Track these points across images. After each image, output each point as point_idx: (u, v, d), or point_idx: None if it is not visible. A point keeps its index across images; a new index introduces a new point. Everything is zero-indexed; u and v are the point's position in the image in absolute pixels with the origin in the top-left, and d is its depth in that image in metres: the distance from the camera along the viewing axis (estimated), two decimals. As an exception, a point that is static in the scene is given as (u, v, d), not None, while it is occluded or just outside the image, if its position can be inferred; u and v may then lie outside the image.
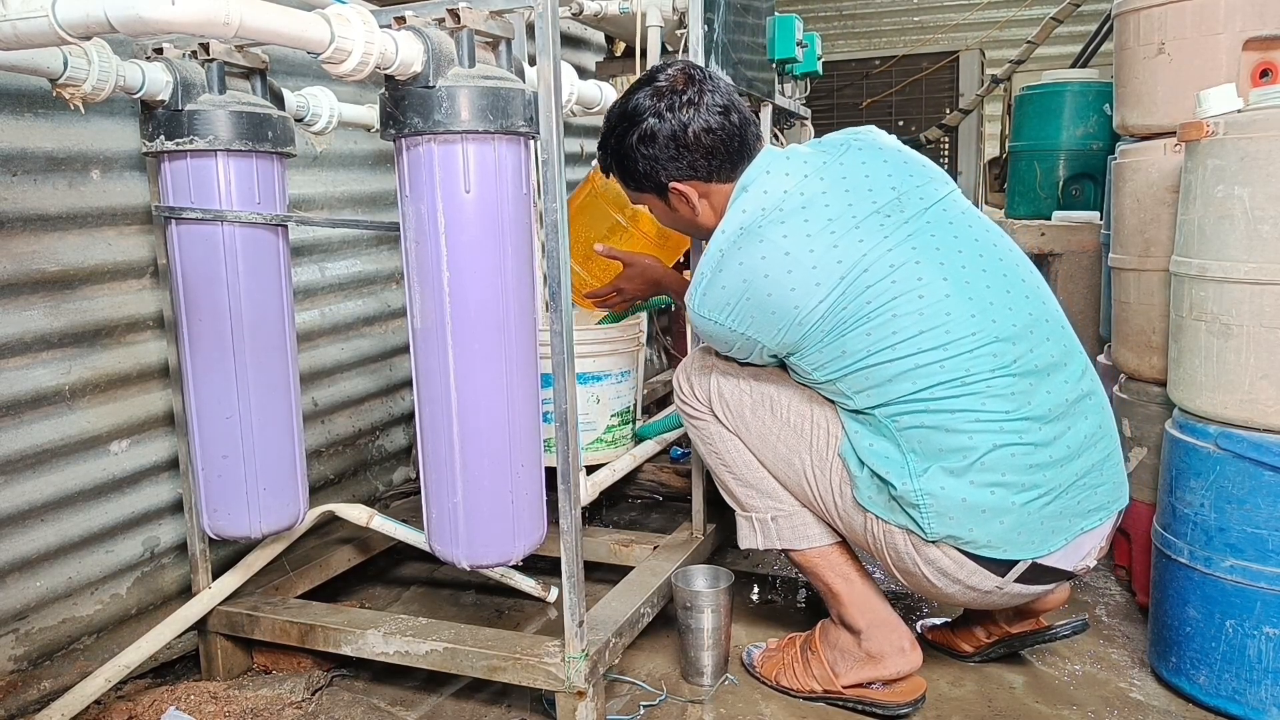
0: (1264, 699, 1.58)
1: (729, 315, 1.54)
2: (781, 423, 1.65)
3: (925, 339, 1.48)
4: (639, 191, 1.70)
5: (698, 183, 1.63)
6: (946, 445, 1.48)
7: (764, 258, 1.50)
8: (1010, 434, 1.47)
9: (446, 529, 1.52)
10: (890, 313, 1.48)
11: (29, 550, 1.59)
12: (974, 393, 1.48)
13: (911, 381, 1.48)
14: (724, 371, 1.71)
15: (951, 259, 1.51)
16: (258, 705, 1.69)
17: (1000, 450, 1.47)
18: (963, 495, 1.47)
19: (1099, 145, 3.49)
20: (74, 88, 1.35)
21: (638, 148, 1.61)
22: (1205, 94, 1.68)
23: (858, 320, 1.48)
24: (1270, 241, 1.53)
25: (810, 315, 1.49)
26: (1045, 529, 1.49)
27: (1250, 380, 1.57)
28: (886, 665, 1.66)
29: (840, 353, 1.51)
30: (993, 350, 1.48)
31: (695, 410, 1.75)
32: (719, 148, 1.59)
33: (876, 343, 1.48)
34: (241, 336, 1.60)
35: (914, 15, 7.04)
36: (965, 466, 1.47)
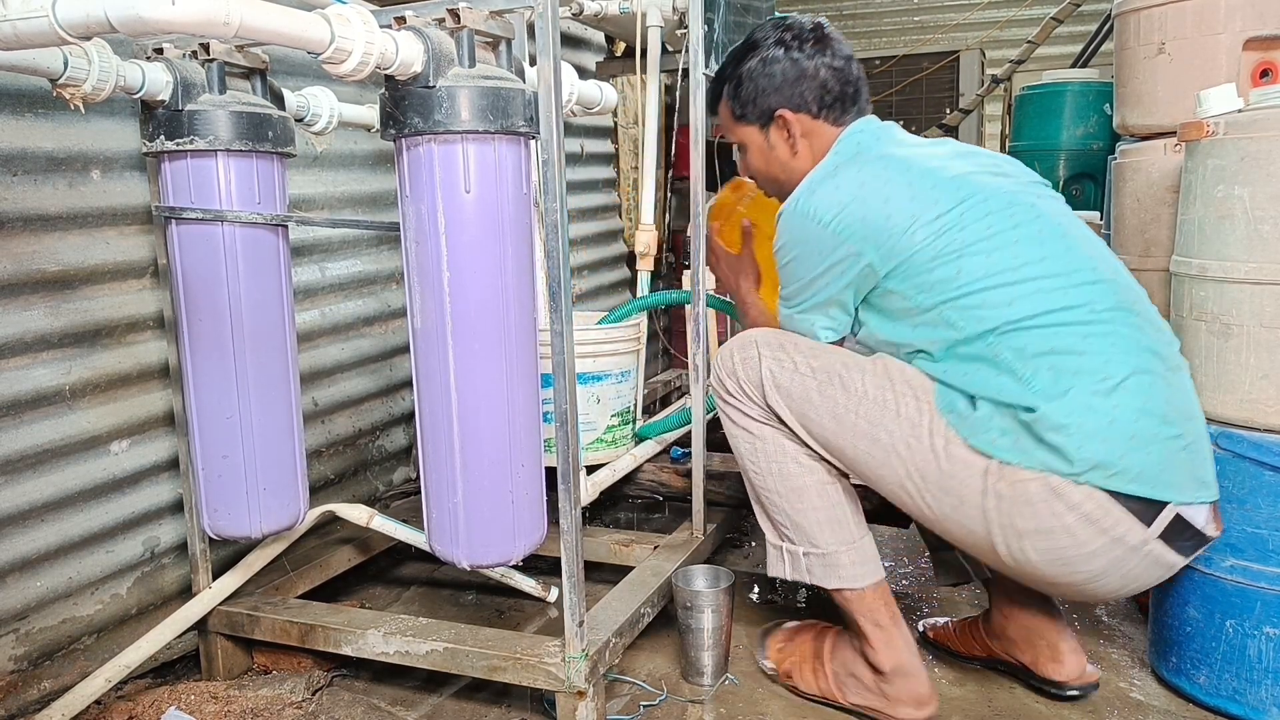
0: (1264, 699, 1.58)
1: (835, 217, 1.48)
2: (858, 396, 1.51)
3: (1049, 264, 1.42)
4: (742, 122, 1.69)
5: (805, 117, 1.63)
6: (1083, 367, 1.36)
7: (885, 168, 1.50)
8: (1145, 365, 1.38)
9: (447, 529, 1.52)
10: (1012, 240, 1.43)
11: (29, 550, 1.59)
12: (1102, 319, 1.39)
13: (1033, 303, 1.39)
14: (774, 358, 1.59)
15: (1064, 222, 1.50)
16: (258, 705, 1.69)
17: (1139, 377, 1.37)
18: (1110, 416, 1.34)
19: (1099, 145, 3.50)
20: (74, 88, 1.35)
21: (758, 69, 1.63)
22: (1205, 94, 1.68)
23: (976, 242, 1.43)
24: (1270, 241, 1.53)
25: (926, 228, 1.44)
26: (1186, 475, 1.38)
27: (1250, 380, 1.58)
28: (898, 710, 1.59)
29: (956, 272, 1.42)
30: (1113, 289, 1.43)
31: (745, 408, 1.62)
32: (835, 86, 1.61)
33: (996, 264, 1.41)
34: (242, 336, 1.60)
35: (914, 15, 7.04)
36: (1109, 388, 1.35)
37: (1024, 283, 1.41)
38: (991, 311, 1.41)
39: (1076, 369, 1.36)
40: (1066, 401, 1.34)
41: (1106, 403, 1.34)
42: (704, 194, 1.99)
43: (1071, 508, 1.35)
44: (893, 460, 1.48)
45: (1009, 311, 1.40)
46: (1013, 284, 1.41)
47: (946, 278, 1.43)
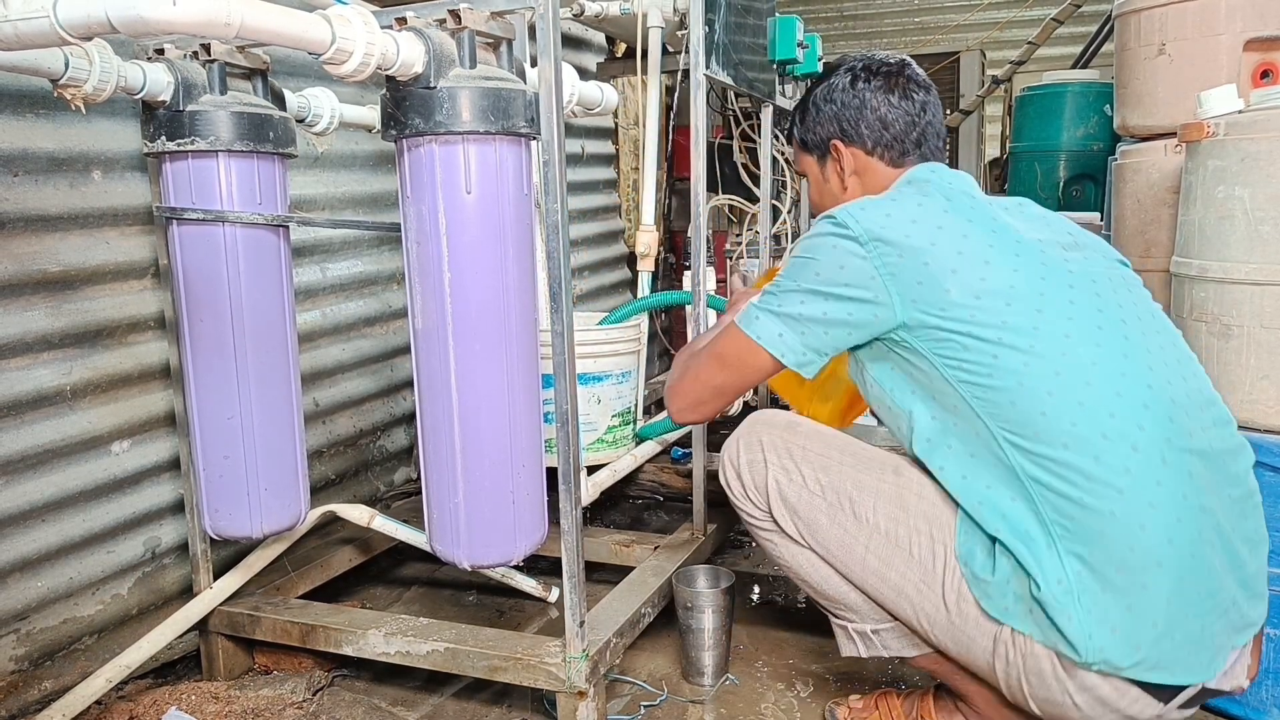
0: (1264, 699, 1.58)
1: (874, 238, 1.31)
2: (869, 530, 1.37)
3: (1099, 373, 1.23)
4: (805, 151, 1.62)
5: (859, 151, 1.52)
6: (1110, 533, 1.19)
7: (948, 207, 1.34)
8: (1189, 525, 1.20)
9: (448, 529, 1.52)
10: (1063, 332, 1.24)
11: (30, 550, 1.60)
12: (1147, 464, 1.20)
13: (1070, 423, 1.21)
14: (781, 468, 1.45)
15: (1130, 313, 1.32)
16: (259, 705, 1.69)
17: (1178, 546, 1.19)
18: (1129, 602, 1.18)
19: (1099, 146, 3.50)
20: (75, 88, 1.35)
21: (823, 96, 1.55)
22: (1206, 95, 1.68)
23: (1018, 325, 1.25)
24: (1270, 242, 1.53)
25: (965, 288, 1.26)
26: (1215, 646, 1.23)
27: (1251, 381, 1.58)
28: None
29: (992, 358, 1.25)
30: (1170, 414, 1.23)
31: (753, 514, 1.50)
32: (897, 126, 1.50)
33: (1036, 360, 1.23)
34: (243, 337, 1.60)
35: (915, 16, 7.04)
36: (1137, 564, 1.18)
37: (1062, 393, 1.22)
38: (1023, 416, 1.23)
39: (1102, 533, 1.19)
40: (1077, 583, 1.19)
41: (1131, 585, 1.18)
42: (704, 194, 1.99)
43: (1083, 689, 1.22)
44: (901, 602, 1.37)
45: (1042, 423, 1.22)
46: (1050, 392, 1.22)
47: (980, 360, 1.26)
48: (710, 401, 1.48)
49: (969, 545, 1.30)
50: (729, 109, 3.20)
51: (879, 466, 1.41)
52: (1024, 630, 1.24)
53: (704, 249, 2.00)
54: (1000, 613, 1.26)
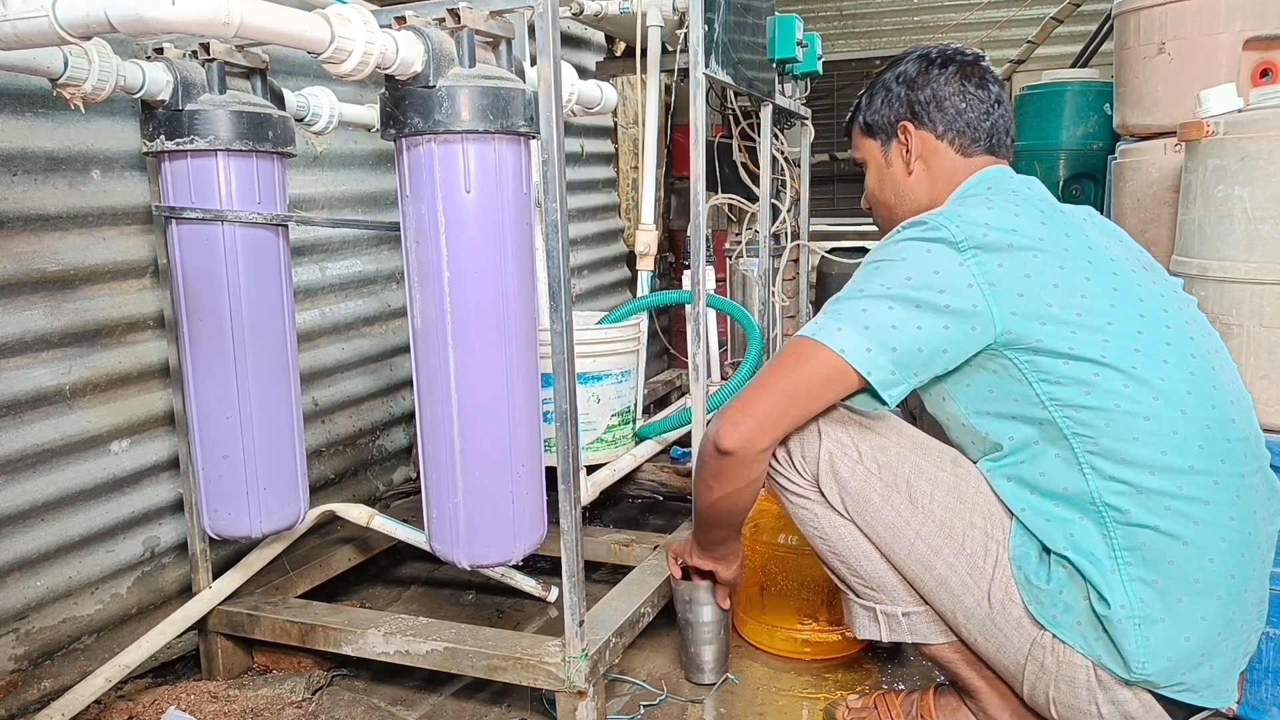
0: (1264, 699, 1.58)
1: (974, 245, 1.25)
2: (923, 516, 1.34)
3: (1191, 404, 1.22)
4: (867, 135, 1.55)
5: (929, 135, 1.47)
6: (1179, 562, 1.19)
7: (1044, 218, 1.29)
8: (1247, 563, 1.22)
9: (447, 529, 1.52)
10: (1160, 358, 1.22)
11: (30, 550, 1.59)
12: (1225, 500, 1.20)
13: (1160, 450, 1.20)
14: (836, 440, 1.39)
15: (1209, 345, 1.32)
16: (258, 705, 1.69)
17: (1237, 582, 1.21)
18: (1187, 633, 1.20)
19: (1099, 145, 3.49)
20: (74, 87, 1.35)
21: (893, 80, 1.51)
22: (1205, 94, 1.68)
23: (1120, 350, 1.22)
24: (1270, 241, 1.53)
25: (1066, 308, 1.23)
26: (1229, 674, 1.27)
27: (1251, 380, 1.58)
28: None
29: (1093, 375, 1.21)
30: (1244, 451, 1.24)
31: (792, 483, 1.43)
32: (970, 114, 1.46)
33: (1135, 386, 1.21)
34: (242, 336, 1.60)
35: (914, 15, 7.04)
36: (1199, 596, 1.20)
37: (1160, 419, 1.21)
38: (1116, 439, 1.21)
39: (1172, 562, 1.20)
40: (1141, 609, 1.21)
41: (1191, 616, 1.21)
42: (704, 193, 1.99)
43: (1112, 702, 1.26)
44: (941, 592, 1.36)
45: (1134, 449, 1.21)
46: (1148, 417, 1.21)
47: (1079, 378, 1.22)
48: (785, 417, 1.33)
49: (1024, 548, 1.30)
50: (728, 108, 3.20)
51: (937, 454, 1.39)
52: (1069, 641, 1.25)
53: (704, 248, 2.00)
54: (1048, 620, 1.27)
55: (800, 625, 1.87)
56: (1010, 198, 1.36)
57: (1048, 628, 1.27)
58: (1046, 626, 1.27)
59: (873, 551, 1.41)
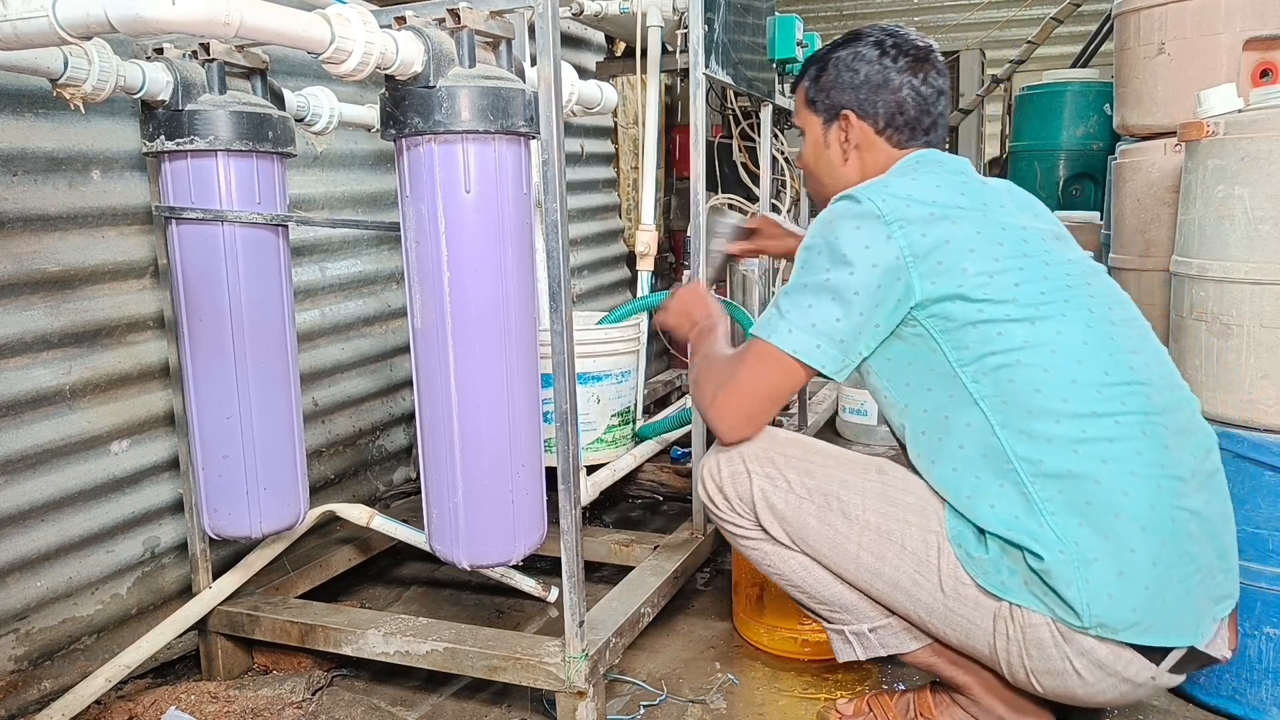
0: (1264, 699, 1.58)
1: (897, 214, 1.34)
2: (860, 527, 1.39)
3: (1088, 353, 1.30)
4: (811, 108, 1.59)
5: (869, 127, 1.52)
6: (1097, 502, 1.24)
7: (964, 189, 1.39)
8: (1168, 493, 1.26)
9: (447, 529, 1.52)
10: (1059, 313, 1.31)
11: (29, 550, 1.59)
12: (1127, 436, 1.27)
13: (1061, 397, 1.27)
14: (765, 475, 1.45)
15: (1113, 306, 1.39)
16: (258, 705, 1.69)
17: (1158, 513, 1.25)
18: (1121, 567, 1.23)
19: (1099, 145, 3.50)
20: (74, 88, 1.35)
21: (846, 60, 1.53)
22: (1205, 94, 1.68)
23: (1026, 306, 1.31)
24: (1270, 241, 1.53)
25: (982, 266, 1.31)
26: (1205, 605, 1.29)
27: (1250, 380, 1.57)
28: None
29: (997, 334, 1.30)
30: (1147, 394, 1.30)
31: (738, 526, 1.50)
32: (912, 110, 1.51)
33: (1037, 337, 1.29)
34: (242, 336, 1.60)
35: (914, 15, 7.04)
36: (1124, 531, 1.24)
37: (1057, 370, 1.29)
38: (1019, 392, 1.28)
39: (1089, 502, 1.25)
40: (1076, 552, 1.24)
41: (1119, 550, 1.24)
42: (704, 193, 1.99)
43: (1081, 653, 1.27)
44: (898, 595, 1.39)
45: (1036, 400, 1.28)
46: (1046, 369, 1.29)
47: (986, 339, 1.30)
48: (764, 414, 1.45)
49: (959, 527, 1.34)
50: (728, 108, 3.20)
51: (861, 466, 1.44)
52: (1022, 603, 1.28)
53: (704, 248, 2.00)
54: (998, 588, 1.30)
55: (800, 625, 1.87)
56: (935, 169, 1.44)
57: (1001, 595, 1.30)
58: (999, 595, 1.30)
59: (825, 575, 1.46)
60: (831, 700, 1.70)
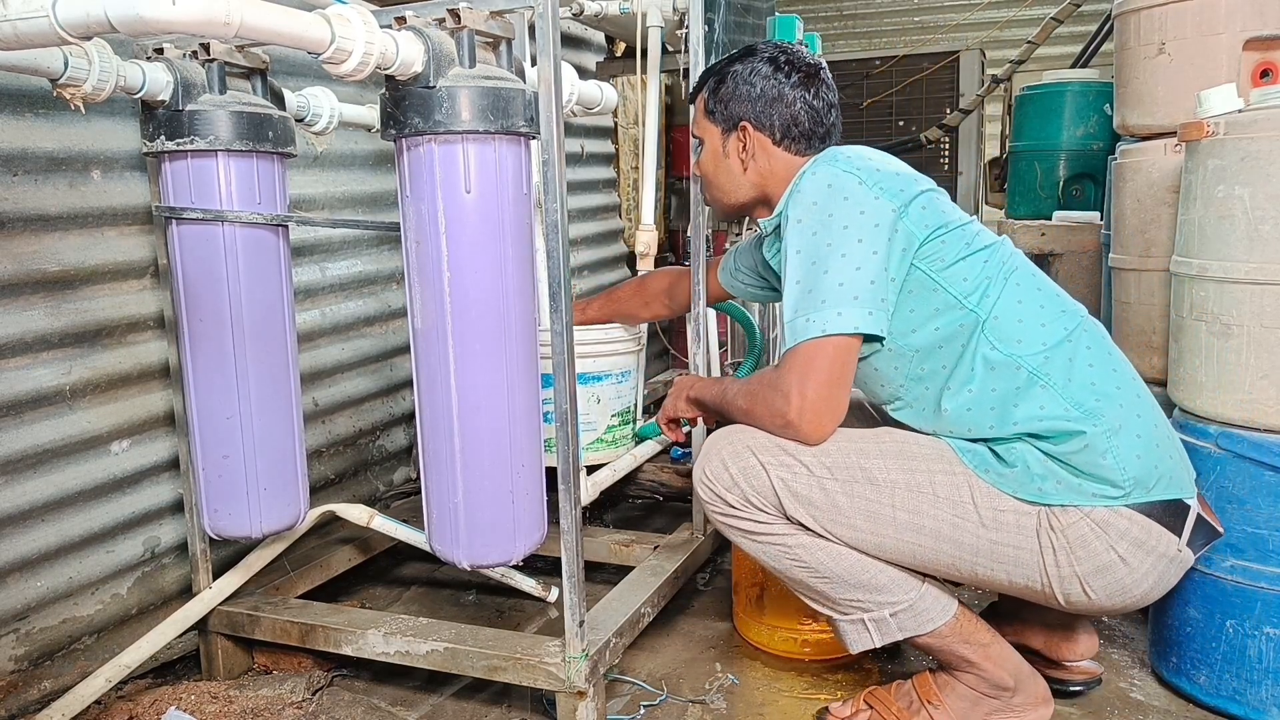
0: (1264, 699, 1.58)
1: (866, 174, 1.46)
2: (890, 488, 1.42)
3: (1041, 284, 1.51)
4: (710, 118, 1.67)
5: (766, 138, 1.62)
6: (1098, 380, 1.42)
7: (887, 160, 1.54)
8: (1122, 362, 1.49)
9: (447, 529, 1.52)
10: (1003, 255, 1.51)
11: (29, 550, 1.59)
12: (1093, 334, 1.48)
13: (1040, 306, 1.47)
14: (780, 464, 1.44)
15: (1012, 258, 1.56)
16: (258, 705, 1.69)
17: (1137, 383, 1.47)
18: (1137, 430, 1.40)
19: (1099, 145, 3.49)
20: (74, 88, 1.35)
21: (742, 74, 1.62)
22: (1206, 94, 1.68)
23: (994, 253, 1.49)
24: (1270, 241, 1.53)
25: (955, 214, 1.51)
26: (1185, 463, 1.47)
27: (1250, 380, 1.57)
28: (1029, 716, 1.53)
29: (983, 262, 1.48)
30: (1078, 310, 1.52)
31: (758, 523, 1.48)
32: (805, 122, 1.61)
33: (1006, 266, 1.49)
34: (242, 336, 1.60)
35: (914, 15, 7.04)
36: (1125, 399, 1.42)
37: (1025, 287, 1.49)
38: (1007, 308, 1.45)
39: (1093, 382, 1.41)
40: (1105, 423, 1.38)
41: (1129, 415, 1.40)
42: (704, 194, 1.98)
43: (1121, 536, 1.37)
44: (941, 545, 1.42)
45: (1021, 311, 1.45)
46: (1020, 284, 1.48)
47: (974, 265, 1.46)
48: (846, 399, 1.46)
49: (978, 455, 1.43)
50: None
51: (870, 433, 1.49)
52: (1063, 501, 1.37)
53: (704, 248, 2.00)
54: (1036, 495, 1.38)
55: (800, 625, 1.87)
56: (858, 151, 1.55)
57: (1040, 502, 1.38)
58: (1039, 501, 1.39)
59: (856, 558, 1.47)
60: (832, 700, 1.70)
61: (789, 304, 1.44)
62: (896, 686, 1.61)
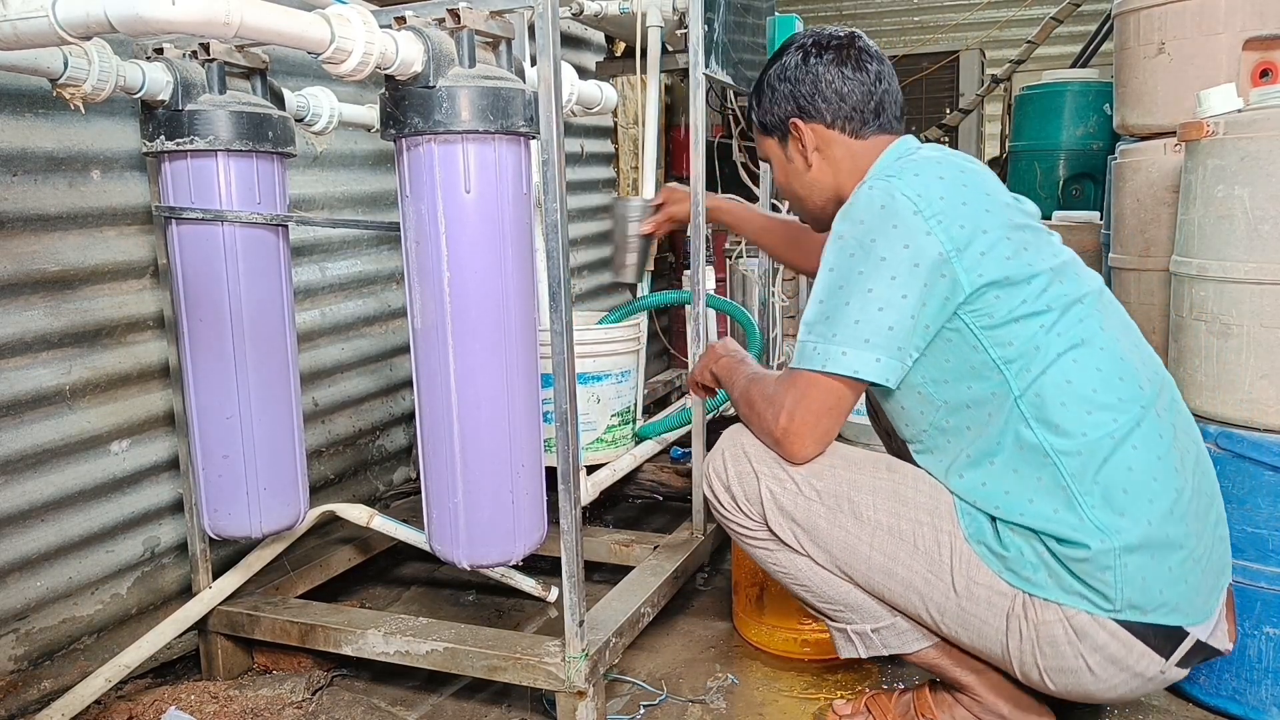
0: (1264, 699, 1.58)
1: (924, 200, 1.31)
2: (871, 528, 1.39)
3: (1103, 350, 1.32)
4: (764, 133, 1.60)
5: (819, 127, 1.51)
6: (1131, 489, 1.27)
7: (965, 187, 1.36)
8: (1184, 474, 1.31)
9: (447, 529, 1.52)
10: (1076, 300, 1.34)
11: (29, 550, 1.59)
12: (1148, 425, 1.29)
13: (1093, 390, 1.29)
14: (773, 477, 1.43)
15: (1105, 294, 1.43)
16: (258, 705, 1.69)
17: (1184, 496, 1.29)
18: (1153, 551, 1.26)
19: (1099, 145, 3.50)
20: (74, 88, 1.35)
21: (775, 76, 1.54)
22: (1205, 94, 1.68)
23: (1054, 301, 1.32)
24: (1270, 241, 1.53)
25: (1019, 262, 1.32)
26: (1208, 586, 1.33)
27: (1250, 380, 1.57)
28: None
29: (1039, 328, 1.30)
30: (1141, 381, 1.33)
31: (744, 527, 1.49)
32: (854, 98, 1.49)
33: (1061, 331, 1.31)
34: (242, 336, 1.60)
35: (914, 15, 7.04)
36: (1154, 518, 1.26)
37: (1084, 363, 1.30)
38: (1052, 387, 1.29)
39: (1125, 490, 1.27)
40: (1118, 539, 1.25)
41: (1154, 535, 1.26)
42: (704, 193, 1.99)
43: (1096, 649, 1.29)
44: (910, 595, 1.39)
45: (1068, 392, 1.29)
46: (1076, 360, 1.30)
47: (1027, 331, 1.30)
48: (835, 429, 1.41)
49: (977, 523, 1.34)
50: (728, 108, 3.19)
51: (871, 464, 1.43)
52: (1049, 597, 1.29)
53: (704, 248, 2.00)
54: (1024, 584, 1.31)
55: (800, 625, 1.87)
56: (933, 166, 1.39)
57: (1025, 590, 1.31)
58: (1023, 590, 1.31)
59: (831, 577, 1.45)
60: (831, 700, 1.70)
61: (805, 320, 1.39)
62: (898, 695, 1.59)
